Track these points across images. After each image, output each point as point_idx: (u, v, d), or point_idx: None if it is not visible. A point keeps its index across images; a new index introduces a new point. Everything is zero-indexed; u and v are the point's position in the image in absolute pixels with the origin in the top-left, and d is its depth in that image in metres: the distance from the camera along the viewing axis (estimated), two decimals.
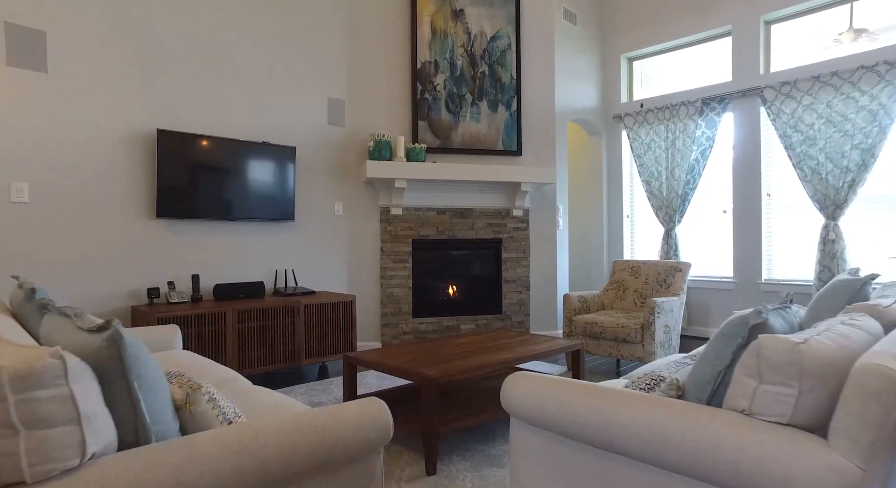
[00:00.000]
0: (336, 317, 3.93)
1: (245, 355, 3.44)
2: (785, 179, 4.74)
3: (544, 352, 2.79)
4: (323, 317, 3.85)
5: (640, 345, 3.52)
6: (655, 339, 3.47)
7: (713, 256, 5.22)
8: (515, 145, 5.05)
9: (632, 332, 3.52)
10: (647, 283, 4.09)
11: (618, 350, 3.63)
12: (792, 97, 4.56)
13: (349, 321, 4.01)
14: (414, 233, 4.82)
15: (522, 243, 5.12)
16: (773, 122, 4.68)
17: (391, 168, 4.44)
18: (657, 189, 5.40)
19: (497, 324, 5.04)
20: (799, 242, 4.68)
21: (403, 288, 4.79)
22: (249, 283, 3.82)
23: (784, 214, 4.76)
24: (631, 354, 3.56)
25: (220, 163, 3.76)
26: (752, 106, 4.88)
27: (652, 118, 5.45)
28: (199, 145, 3.66)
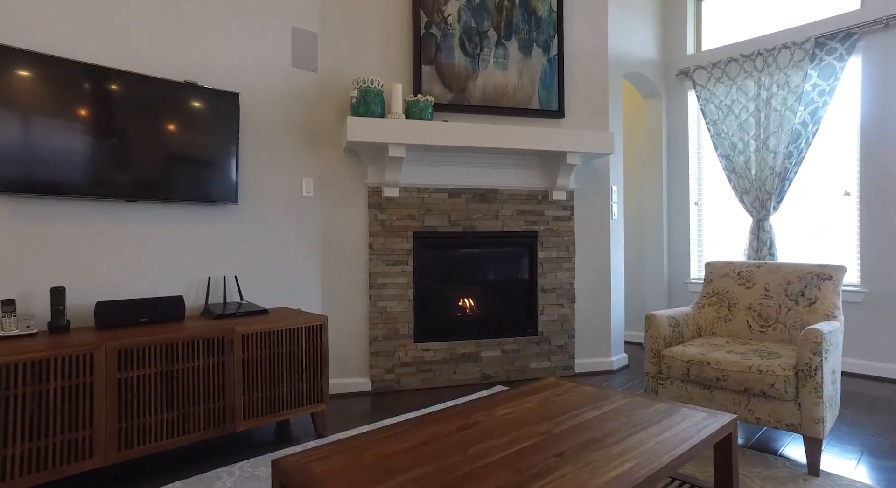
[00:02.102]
0: (297, 351, 2.54)
1: (131, 424, 2.04)
2: None
3: (680, 453, 1.38)
4: (277, 352, 2.46)
5: (795, 405, 2.13)
6: (823, 396, 2.08)
7: (825, 256, 3.82)
8: (556, 103, 3.65)
9: (779, 382, 2.13)
10: (771, 297, 2.69)
11: (748, 409, 2.23)
12: None
13: (317, 356, 2.61)
14: (416, 223, 3.43)
15: (565, 238, 3.72)
16: None
17: (384, 128, 3.04)
18: (743, 166, 4.00)
19: (531, 349, 3.65)
20: None
21: (402, 301, 3.40)
22: (159, 300, 2.42)
23: None
24: (775, 418, 2.16)
25: (112, 111, 2.37)
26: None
27: (735, 70, 4.05)
28: (74, 78, 2.27)
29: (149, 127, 2.48)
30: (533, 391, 1.89)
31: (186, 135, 2.60)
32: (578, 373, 3.75)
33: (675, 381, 2.46)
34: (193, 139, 2.63)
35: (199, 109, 2.65)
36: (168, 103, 2.54)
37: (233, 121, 2.77)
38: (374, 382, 3.34)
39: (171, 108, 2.55)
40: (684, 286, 4.47)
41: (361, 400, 3.20)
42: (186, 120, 2.60)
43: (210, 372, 2.25)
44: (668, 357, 2.47)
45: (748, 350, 2.38)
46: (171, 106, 2.55)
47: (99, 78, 2.34)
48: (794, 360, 2.20)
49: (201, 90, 2.65)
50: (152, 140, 2.49)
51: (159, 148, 2.51)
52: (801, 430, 2.11)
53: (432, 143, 3.13)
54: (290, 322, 2.52)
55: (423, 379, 3.45)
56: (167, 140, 2.54)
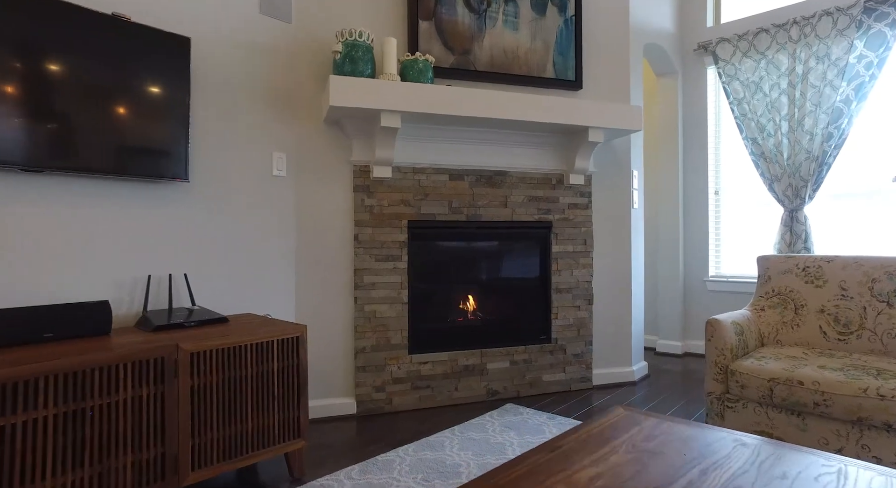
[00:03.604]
0: (267, 372, 1.92)
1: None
2: None
3: None
4: (239, 374, 1.84)
5: None
6: None
7: (869, 250, 3.41)
8: (573, 72, 3.12)
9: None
10: (850, 298, 2.23)
11: (860, 444, 1.74)
12: None
13: (292, 378, 2.01)
14: (411, 210, 2.84)
15: (582, 229, 3.20)
16: None
17: (376, 91, 2.45)
18: (773, 150, 3.57)
19: (544, 359, 3.11)
20: None
21: (394, 304, 2.81)
22: (72, 307, 1.77)
23: None
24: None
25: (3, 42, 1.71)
26: None
27: (765, 42, 3.61)
28: None
29: (61, 70, 1.82)
30: (607, 431, 1.34)
31: (116, 85, 1.95)
32: (596, 386, 3.23)
33: (751, 404, 1.96)
34: (126, 92, 1.98)
35: (134, 53, 2.00)
36: (89, 40, 1.89)
37: (182, 73, 2.12)
38: (360, 403, 2.75)
39: (92, 46, 1.89)
40: (702, 284, 4.02)
41: (345, 426, 2.60)
42: (115, 65, 1.95)
43: (143, 407, 1.62)
44: (740, 373, 1.96)
45: (846, 365, 1.89)
46: (94, 44, 1.90)
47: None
48: None
49: (135, 28, 2.00)
50: (67, 88, 1.83)
51: (76, 99, 1.86)
52: None
53: (435, 112, 2.56)
54: (257, 334, 1.90)
55: (420, 398, 2.87)
56: (88, 89, 1.88)
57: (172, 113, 2.10)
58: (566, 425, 2.55)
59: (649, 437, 1.30)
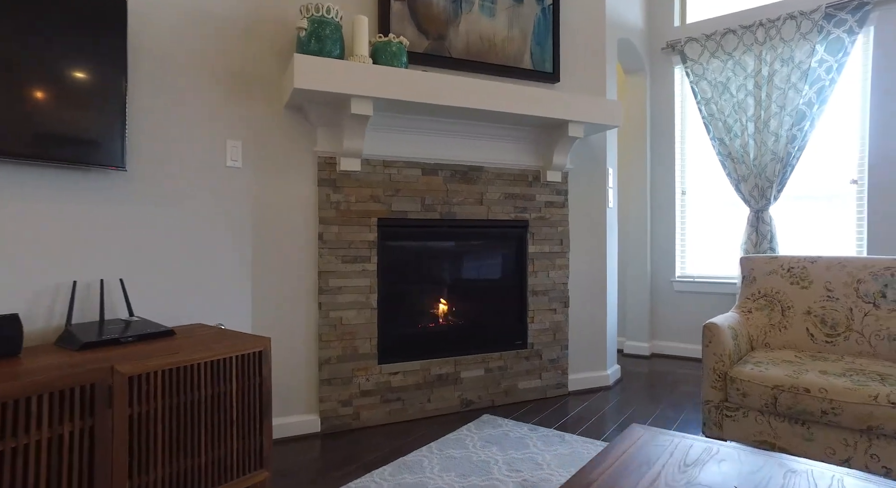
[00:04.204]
0: (224, 394, 1.64)
1: None
2: None
3: None
4: (191, 399, 1.55)
5: None
6: None
7: (826, 249, 3.48)
8: (550, 63, 2.98)
9: None
10: (836, 299, 2.19)
11: (869, 454, 1.68)
12: None
13: (254, 400, 1.73)
14: (382, 207, 2.60)
15: (559, 229, 3.07)
16: None
17: (346, 74, 2.19)
18: (740, 150, 3.58)
19: (520, 365, 2.95)
20: None
21: (362, 310, 2.56)
22: None
23: None
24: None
25: None
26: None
27: (732, 43, 3.62)
28: None
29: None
30: (638, 457, 1.17)
31: (33, 56, 1.61)
32: (572, 392, 3.11)
33: (752, 413, 1.86)
34: (46, 64, 1.63)
35: (56, 18, 1.66)
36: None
37: (116, 42, 1.79)
38: (325, 420, 2.48)
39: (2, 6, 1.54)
40: (669, 285, 4.01)
41: (309, 447, 2.33)
42: (32, 31, 1.60)
43: (66, 449, 1.31)
44: (741, 381, 1.86)
45: (846, 370, 1.83)
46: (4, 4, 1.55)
47: None
48: None
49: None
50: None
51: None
52: None
53: (412, 100, 2.33)
54: (212, 349, 1.61)
55: (390, 412, 2.63)
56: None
57: (104, 88, 1.77)
58: (550, 437, 2.39)
59: (686, 463, 1.14)
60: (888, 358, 2.03)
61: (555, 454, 2.21)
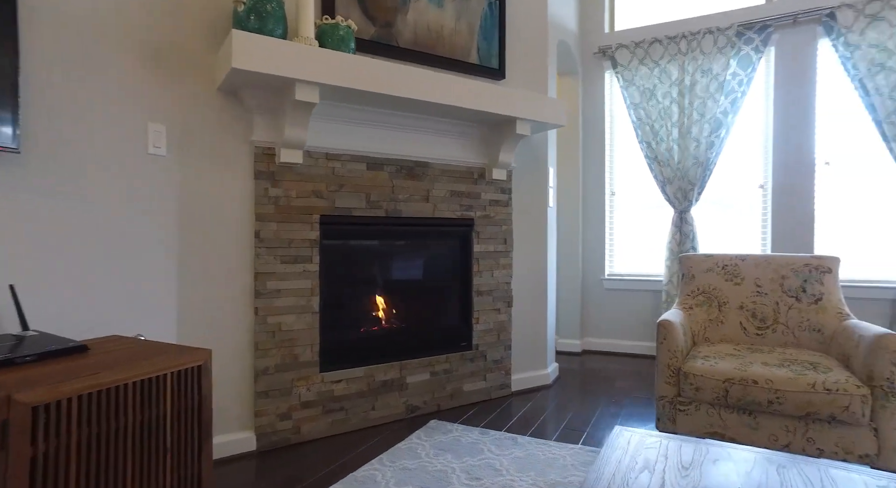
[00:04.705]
0: (155, 420, 1.40)
1: None
2: (853, 142, 3.46)
3: None
4: (110, 428, 1.30)
5: (871, 432, 1.73)
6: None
7: (738, 248, 3.77)
8: (496, 59, 2.95)
9: (855, 403, 1.71)
10: (765, 294, 2.35)
11: (807, 438, 1.79)
12: (882, 19, 3.26)
13: (191, 424, 1.50)
14: (325, 203, 2.42)
15: (503, 227, 3.04)
16: (845, 60, 3.35)
17: (292, 56, 1.99)
18: (665, 154, 3.78)
19: (465, 368, 2.89)
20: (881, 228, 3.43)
21: (303, 314, 2.36)
22: None
23: (850, 189, 3.46)
24: (845, 449, 1.75)
25: None
26: (809, 37, 3.51)
27: (659, 52, 3.81)
28: None
29: None
30: (634, 461, 1.13)
31: None
32: (515, 392, 3.10)
33: (703, 406, 1.93)
34: None
35: None
36: None
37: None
38: (261, 436, 2.25)
39: None
40: (599, 283, 4.15)
41: (244, 468, 2.10)
42: None
43: None
44: (694, 376, 1.92)
45: (783, 360, 1.95)
46: None
47: None
48: (858, 373, 1.81)
49: None
50: None
51: None
52: (877, 462, 1.72)
53: (362, 88, 2.17)
54: (141, 367, 1.37)
55: (333, 423, 2.46)
56: None
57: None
58: (503, 441, 2.35)
59: (683, 466, 1.12)
60: (810, 347, 2.20)
61: (511, 458, 2.16)
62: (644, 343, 3.99)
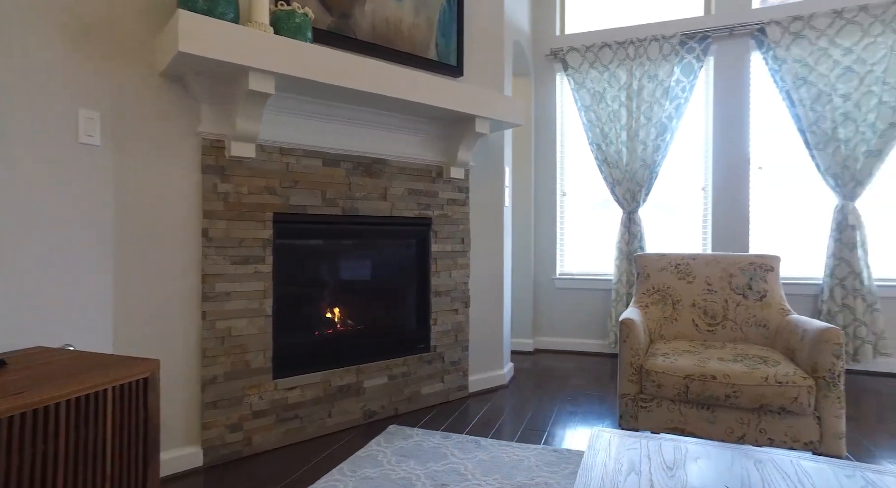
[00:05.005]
0: (94, 440, 1.25)
1: None
2: (785, 148, 3.69)
3: None
4: (39, 453, 1.14)
5: (815, 420, 1.82)
6: (843, 406, 1.81)
7: (682, 247, 3.94)
8: (455, 57, 2.91)
9: (802, 394, 1.80)
10: (714, 291, 2.45)
11: (759, 429, 1.86)
12: (804, 37, 3.49)
13: (135, 444, 1.36)
14: (279, 200, 2.28)
15: (461, 227, 3.01)
16: (773, 73, 3.56)
17: (244, 42, 1.86)
18: (614, 156, 3.89)
19: (423, 370, 2.83)
20: (802, 228, 3.67)
21: (255, 318, 2.22)
22: None
23: (782, 192, 3.69)
24: (793, 437, 1.83)
25: None
26: (743, 49, 3.71)
27: (608, 57, 3.91)
28: None
29: None
30: (619, 462, 1.12)
31: None
32: (473, 394, 3.08)
33: (665, 402, 1.97)
34: None
35: None
36: None
37: None
38: (209, 451, 2.10)
39: None
40: (551, 282, 4.21)
41: (190, 486, 1.94)
42: None
43: None
44: (656, 373, 1.96)
45: (736, 355, 2.03)
46: None
47: None
48: (803, 366, 1.90)
49: None
50: None
51: None
52: (819, 448, 1.81)
53: (320, 80, 2.06)
54: (76, 383, 1.22)
55: (287, 432, 2.33)
56: None
57: None
58: (465, 444, 2.31)
59: (667, 466, 1.12)
60: (756, 341, 2.31)
61: (476, 461, 2.12)
62: (594, 340, 4.08)
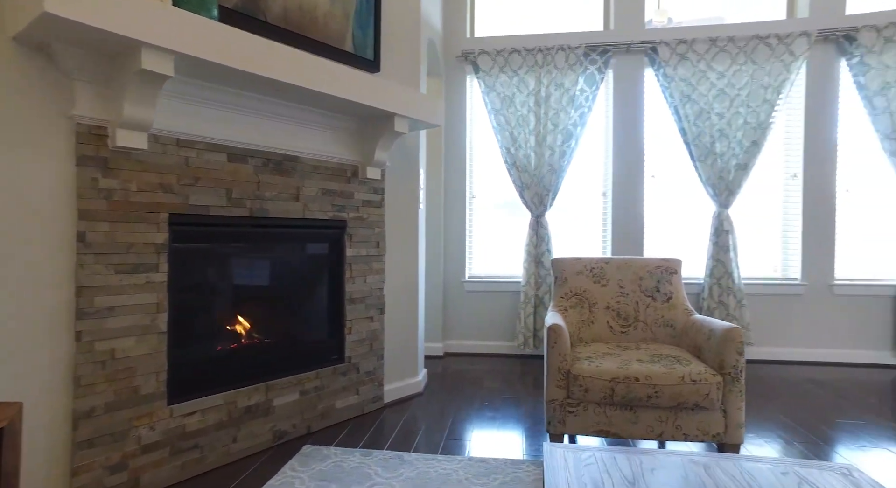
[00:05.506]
0: None
1: None
2: (673, 159, 4.01)
3: None
4: None
5: (721, 414, 1.96)
6: (744, 398, 1.97)
7: (586, 251, 4.13)
8: (372, 51, 2.76)
9: (713, 390, 1.92)
10: (627, 294, 2.57)
11: (675, 425, 1.97)
12: (688, 59, 3.83)
13: None
14: (176, 199, 1.98)
15: (376, 230, 2.87)
16: (664, 89, 3.87)
17: (136, 10, 1.57)
18: (523, 160, 3.97)
19: (337, 382, 2.65)
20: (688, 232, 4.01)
21: (147, 335, 1.90)
22: None
23: (672, 199, 4.01)
24: (703, 431, 1.96)
25: None
26: (639, 65, 3.99)
27: (518, 62, 3.98)
28: None
29: None
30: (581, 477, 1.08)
31: None
32: (388, 404, 2.95)
33: (591, 406, 2.01)
34: None
35: None
36: None
37: None
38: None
39: None
40: (460, 285, 4.20)
41: None
42: None
43: None
44: (583, 377, 1.99)
45: (652, 356, 2.13)
46: None
47: None
48: (711, 363, 2.04)
49: None
50: None
51: None
52: (724, 438, 1.96)
53: (229, 64, 1.81)
54: None
55: (184, 466, 2.03)
56: None
57: None
58: (389, 461, 2.18)
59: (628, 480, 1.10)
60: (665, 341, 2.45)
61: (403, 480, 2.01)
62: (503, 342, 4.15)
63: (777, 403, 2.93)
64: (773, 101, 3.75)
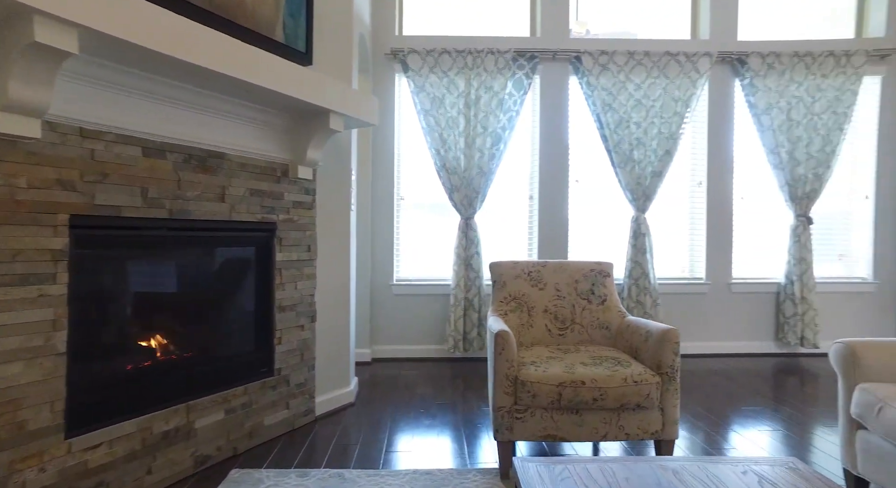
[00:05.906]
0: None
1: None
2: (595, 164, 4.18)
3: None
4: None
5: (659, 412, 2.04)
6: (679, 396, 2.07)
7: (514, 254, 4.19)
8: (303, 42, 2.58)
9: (653, 390, 2.00)
10: (563, 297, 2.62)
11: (619, 426, 2.02)
12: (609, 70, 4.01)
13: None
14: (79, 197, 1.70)
15: (307, 233, 2.69)
16: (587, 97, 4.03)
17: None
18: (453, 162, 3.95)
19: (266, 398, 2.44)
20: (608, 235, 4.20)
21: (39, 358, 1.61)
22: None
23: (594, 203, 4.18)
24: (643, 429, 2.03)
25: None
26: (564, 72, 4.11)
27: (448, 63, 3.95)
28: None
29: None
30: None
31: None
32: (320, 417, 2.78)
33: (538, 411, 2.01)
34: None
35: None
36: None
37: None
38: None
39: None
40: (388, 289, 4.09)
41: None
42: None
43: None
44: (531, 383, 1.99)
45: (594, 359, 2.18)
46: None
47: None
48: (648, 364, 2.12)
49: None
50: None
51: None
52: (661, 435, 2.04)
53: (141, 43, 1.58)
54: None
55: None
56: None
57: None
58: (328, 480, 2.04)
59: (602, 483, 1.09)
60: (601, 342, 2.53)
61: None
62: (431, 346, 4.09)
63: (693, 396, 3.14)
64: (682, 114, 4.04)
